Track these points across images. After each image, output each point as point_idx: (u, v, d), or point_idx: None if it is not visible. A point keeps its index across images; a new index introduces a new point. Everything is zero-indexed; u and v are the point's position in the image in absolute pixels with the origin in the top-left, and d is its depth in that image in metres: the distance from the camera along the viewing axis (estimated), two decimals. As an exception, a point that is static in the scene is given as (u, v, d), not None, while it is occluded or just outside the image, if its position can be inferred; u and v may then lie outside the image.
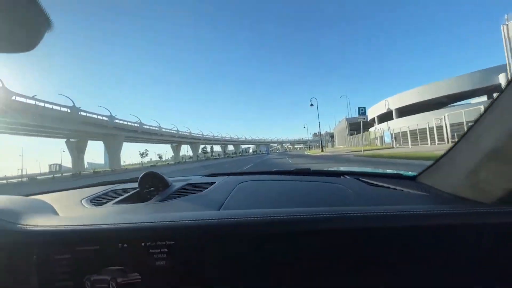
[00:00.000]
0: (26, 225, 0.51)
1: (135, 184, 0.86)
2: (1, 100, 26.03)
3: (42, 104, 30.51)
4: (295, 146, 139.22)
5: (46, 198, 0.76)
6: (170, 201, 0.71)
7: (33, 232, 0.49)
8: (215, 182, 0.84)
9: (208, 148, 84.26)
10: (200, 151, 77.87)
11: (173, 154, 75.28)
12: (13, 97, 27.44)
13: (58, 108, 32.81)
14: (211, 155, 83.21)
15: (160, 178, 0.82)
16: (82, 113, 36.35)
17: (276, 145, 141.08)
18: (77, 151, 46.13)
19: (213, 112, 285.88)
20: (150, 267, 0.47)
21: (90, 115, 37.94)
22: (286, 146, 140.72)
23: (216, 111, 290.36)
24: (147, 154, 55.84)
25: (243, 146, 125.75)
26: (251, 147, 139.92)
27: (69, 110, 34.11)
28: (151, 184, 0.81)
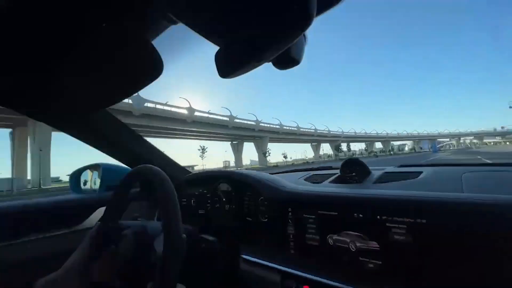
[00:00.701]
0: (284, 187, 0.70)
1: (331, 170, 0.97)
2: (189, 115, 36.49)
3: (207, 115, 40.10)
4: (485, 141, 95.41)
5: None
6: (385, 184, 0.71)
7: (290, 192, 0.67)
8: (422, 172, 0.77)
9: (344, 146, 76.53)
10: (335, 149, 72.24)
11: (313, 154, 75.41)
12: (196, 113, 37.82)
13: (220, 117, 41.84)
14: (352, 154, 74.90)
15: (360, 164, 0.84)
16: (237, 120, 44.15)
17: (447, 140, 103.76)
18: (237, 151, 57.29)
19: (356, 110, 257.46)
20: (387, 240, 0.48)
21: (242, 121, 45.48)
22: (468, 141, 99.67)
23: (359, 108, 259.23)
24: (270, 153, 58.21)
25: (396, 143, 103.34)
26: (407, 144, 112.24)
27: (227, 119, 42.52)
28: (351, 169, 0.84)
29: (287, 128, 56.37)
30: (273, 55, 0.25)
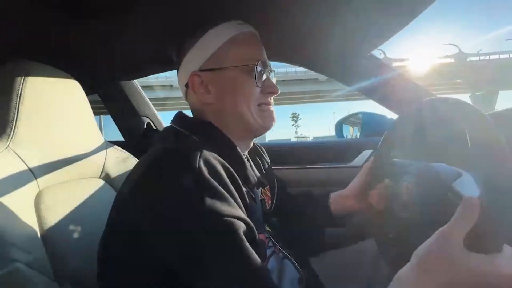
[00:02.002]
0: None
1: None
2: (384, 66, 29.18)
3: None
4: None
5: None
6: None
7: None
8: None
9: None
10: None
11: None
12: (392, 63, 29.34)
13: (440, 61, 28.55)
14: None
15: None
16: (473, 58, 27.65)
17: None
18: (486, 104, 36.86)
19: None
20: None
21: (481, 58, 27.56)
22: None
23: None
24: None
25: None
26: None
27: (452, 60, 27.97)
28: None
29: None
30: None
